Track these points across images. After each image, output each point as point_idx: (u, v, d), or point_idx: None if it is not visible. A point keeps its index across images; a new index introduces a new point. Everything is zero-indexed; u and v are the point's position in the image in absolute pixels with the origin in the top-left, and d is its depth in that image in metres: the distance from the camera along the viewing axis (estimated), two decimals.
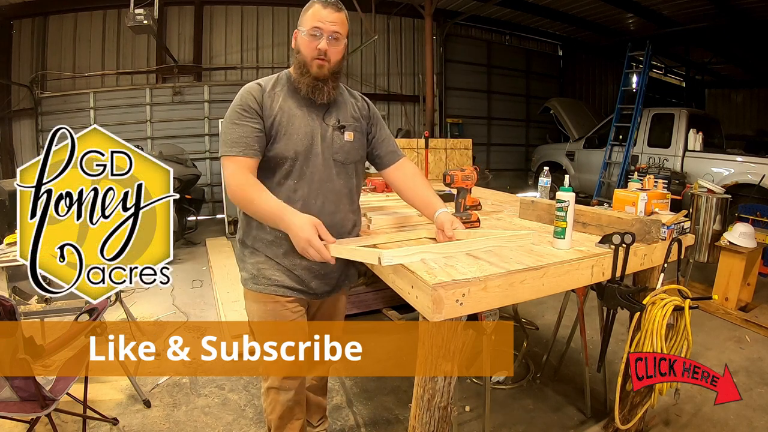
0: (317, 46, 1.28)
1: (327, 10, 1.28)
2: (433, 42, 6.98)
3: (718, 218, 3.42)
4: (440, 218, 1.38)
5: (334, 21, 1.28)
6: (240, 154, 1.26)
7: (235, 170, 1.26)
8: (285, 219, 1.20)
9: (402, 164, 1.54)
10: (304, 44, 1.30)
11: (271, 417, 1.46)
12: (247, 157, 1.26)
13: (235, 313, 2.95)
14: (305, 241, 1.17)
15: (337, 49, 1.31)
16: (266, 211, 1.23)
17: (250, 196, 1.24)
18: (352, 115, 1.44)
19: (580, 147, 7.02)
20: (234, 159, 1.26)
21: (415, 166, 1.59)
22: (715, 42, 8.02)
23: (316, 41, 1.28)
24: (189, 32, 7.10)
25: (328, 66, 1.31)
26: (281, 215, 1.21)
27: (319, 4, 1.29)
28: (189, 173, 5.16)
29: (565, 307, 2.33)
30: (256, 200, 1.24)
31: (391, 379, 2.29)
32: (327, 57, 1.30)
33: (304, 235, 1.17)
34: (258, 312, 1.40)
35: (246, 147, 1.26)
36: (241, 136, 1.26)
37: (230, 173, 1.26)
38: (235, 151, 1.26)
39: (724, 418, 2.01)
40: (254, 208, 1.26)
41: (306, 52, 1.30)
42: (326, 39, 1.28)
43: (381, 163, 1.54)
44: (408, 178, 1.52)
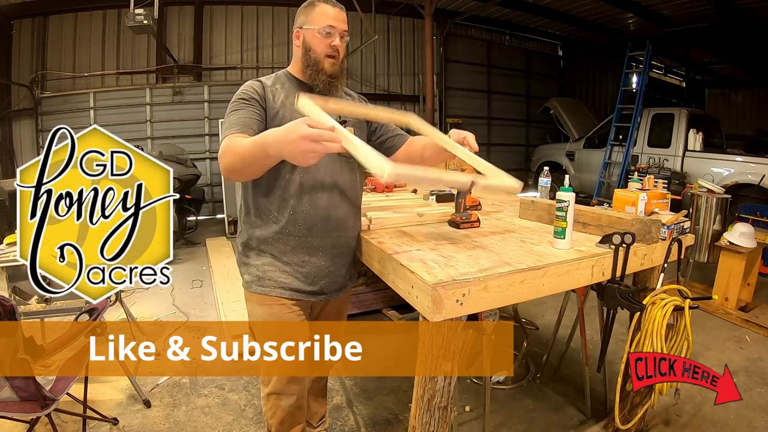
0: (331, 43, 1.32)
1: (336, 9, 1.33)
2: (433, 42, 6.98)
3: (718, 218, 3.42)
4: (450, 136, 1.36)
5: (343, 20, 1.34)
6: (236, 132, 1.20)
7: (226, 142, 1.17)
8: (268, 138, 1.04)
9: (412, 140, 1.55)
10: (318, 42, 1.32)
11: (272, 422, 1.45)
12: (243, 134, 1.20)
13: (235, 313, 2.95)
14: (300, 138, 0.95)
15: (344, 46, 1.36)
16: (250, 148, 1.10)
17: (234, 147, 1.13)
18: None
19: (580, 147, 7.02)
20: (229, 137, 1.20)
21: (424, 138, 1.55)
22: (715, 42, 8.02)
23: (331, 39, 1.32)
24: (189, 32, 7.10)
25: (338, 63, 1.35)
26: (263, 138, 1.06)
27: (326, 3, 1.33)
28: (189, 173, 5.16)
29: (565, 307, 2.33)
30: (239, 147, 1.12)
31: (391, 379, 2.29)
32: (338, 54, 1.34)
33: (295, 134, 0.96)
34: (262, 315, 1.38)
35: (243, 126, 1.23)
36: (241, 118, 1.25)
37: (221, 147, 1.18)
38: (232, 130, 1.21)
39: (724, 418, 2.01)
40: (240, 157, 1.12)
41: (320, 50, 1.32)
42: (339, 37, 1.32)
43: (392, 145, 1.53)
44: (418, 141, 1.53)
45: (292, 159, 1.01)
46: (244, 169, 1.16)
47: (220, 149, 1.20)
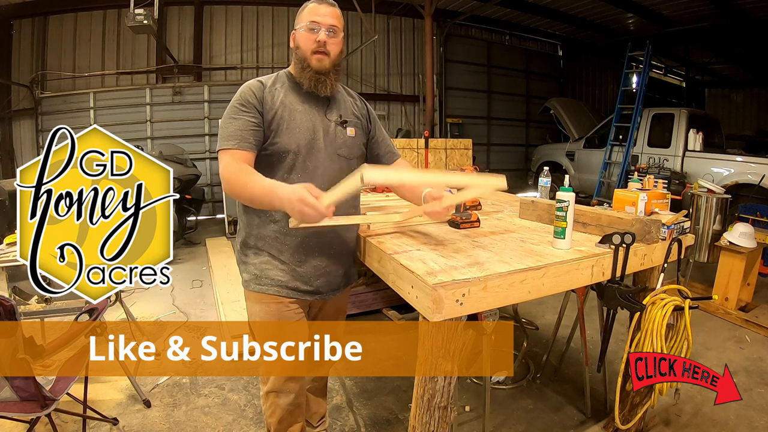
0: (316, 38, 1.31)
1: (323, 5, 1.33)
2: (433, 42, 6.98)
3: (718, 218, 3.42)
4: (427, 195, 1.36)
5: (330, 15, 1.32)
6: (235, 147, 1.26)
7: (229, 162, 1.26)
8: (277, 192, 1.17)
9: (399, 163, 1.59)
10: (303, 39, 1.33)
11: (271, 420, 1.46)
12: (242, 150, 1.27)
13: (235, 313, 2.95)
14: (299, 201, 1.10)
15: (335, 41, 1.34)
16: (259, 191, 1.20)
17: (242, 181, 1.23)
18: (352, 112, 1.46)
19: (580, 147, 7.02)
20: (229, 152, 1.27)
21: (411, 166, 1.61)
22: (715, 42, 8.02)
23: (315, 34, 1.31)
24: (189, 32, 7.10)
25: (329, 59, 1.33)
26: (273, 190, 1.18)
27: (314, 2, 1.33)
28: (189, 173, 5.16)
29: (565, 307, 2.33)
30: (249, 184, 1.22)
31: (391, 379, 2.29)
32: (326, 50, 1.32)
33: (296, 196, 1.11)
34: (260, 313, 1.39)
35: (241, 140, 1.27)
36: (237, 129, 1.27)
37: (224, 165, 1.26)
38: (230, 144, 1.26)
39: (724, 418, 2.01)
40: (248, 193, 1.23)
41: (305, 47, 1.32)
42: (324, 32, 1.31)
43: (379, 163, 1.55)
44: None
45: (291, 215, 1.17)
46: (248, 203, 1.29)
47: (221, 166, 1.27)
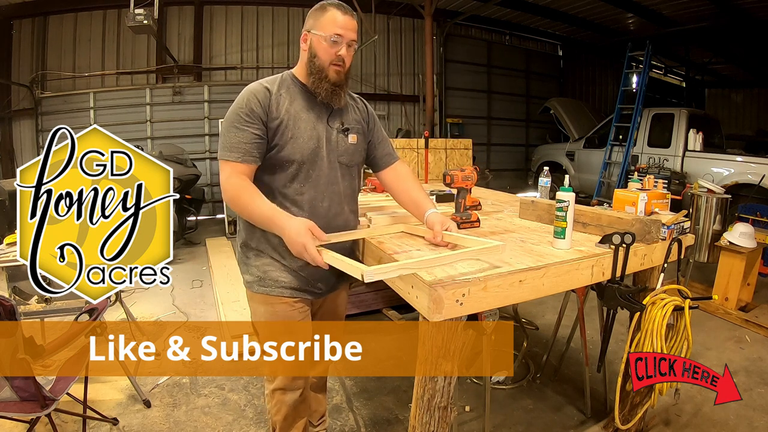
0: (337, 52, 1.29)
1: (346, 17, 1.30)
2: (433, 42, 6.97)
3: (718, 218, 3.42)
4: (430, 218, 1.39)
5: (353, 29, 1.31)
6: (238, 160, 1.26)
7: (231, 174, 1.26)
8: (279, 223, 1.21)
9: (397, 167, 1.56)
10: (324, 50, 1.30)
11: (276, 418, 1.46)
12: (245, 163, 1.27)
13: (235, 313, 2.95)
14: (301, 246, 1.17)
15: (351, 54, 1.34)
16: (260, 215, 1.25)
17: (244, 200, 1.25)
18: (354, 117, 1.45)
19: (580, 147, 7.02)
20: (231, 164, 1.27)
21: (410, 169, 1.61)
22: (715, 42, 8.01)
23: (337, 47, 1.29)
24: (189, 32, 7.10)
25: (344, 70, 1.33)
26: (275, 219, 1.22)
27: (337, 10, 1.29)
28: (189, 173, 5.16)
29: (565, 307, 2.33)
30: (250, 205, 1.25)
31: (391, 379, 2.29)
32: (344, 63, 1.32)
33: (300, 240, 1.17)
34: (266, 314, 1.39)
35: (245, 153, 1.26)
36: (241, 142, 1.26)
37: (226, 177, 1.27)
38: (233, 156, 1.26)
39: (724, 418, 2.01)
40: (248, 212, 1.27)
41: (325, 58, 1.30)
42: (346, 46, 1.30)
43: (377, 165, 1.55)
44: (401, 180, 1.53)
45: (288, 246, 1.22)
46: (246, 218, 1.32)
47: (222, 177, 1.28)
